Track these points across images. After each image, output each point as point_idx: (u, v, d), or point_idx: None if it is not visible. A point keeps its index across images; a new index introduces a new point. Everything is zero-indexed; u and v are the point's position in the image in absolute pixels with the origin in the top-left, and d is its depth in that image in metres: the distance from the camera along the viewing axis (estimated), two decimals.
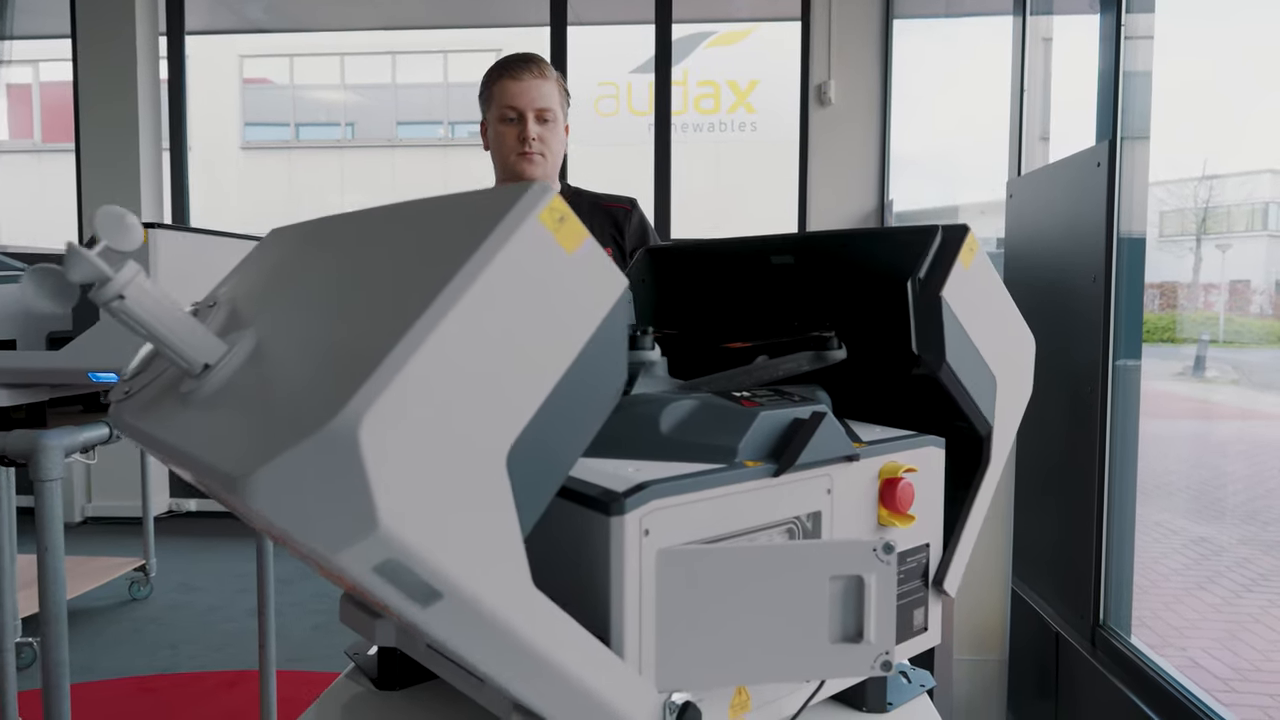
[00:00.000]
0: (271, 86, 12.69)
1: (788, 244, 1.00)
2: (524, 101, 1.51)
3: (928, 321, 0.78)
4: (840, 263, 0.93)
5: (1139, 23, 1.77)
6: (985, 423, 0.84)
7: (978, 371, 0.82)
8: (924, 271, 0.79)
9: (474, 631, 0.52)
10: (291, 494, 0.43)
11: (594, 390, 0.56)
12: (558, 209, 0.54)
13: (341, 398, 0.43)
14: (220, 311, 0.70)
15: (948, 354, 0.78)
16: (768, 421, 0.71)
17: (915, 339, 0.79)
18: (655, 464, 0.67)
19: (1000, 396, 0.85)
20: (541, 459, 0.53)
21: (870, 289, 0.87)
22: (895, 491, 0.78)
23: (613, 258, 1.58)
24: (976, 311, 0.82)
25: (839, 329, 0.88)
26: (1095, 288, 1.77)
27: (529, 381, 0.52)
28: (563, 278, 0.54)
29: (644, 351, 0.73)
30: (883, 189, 4.00)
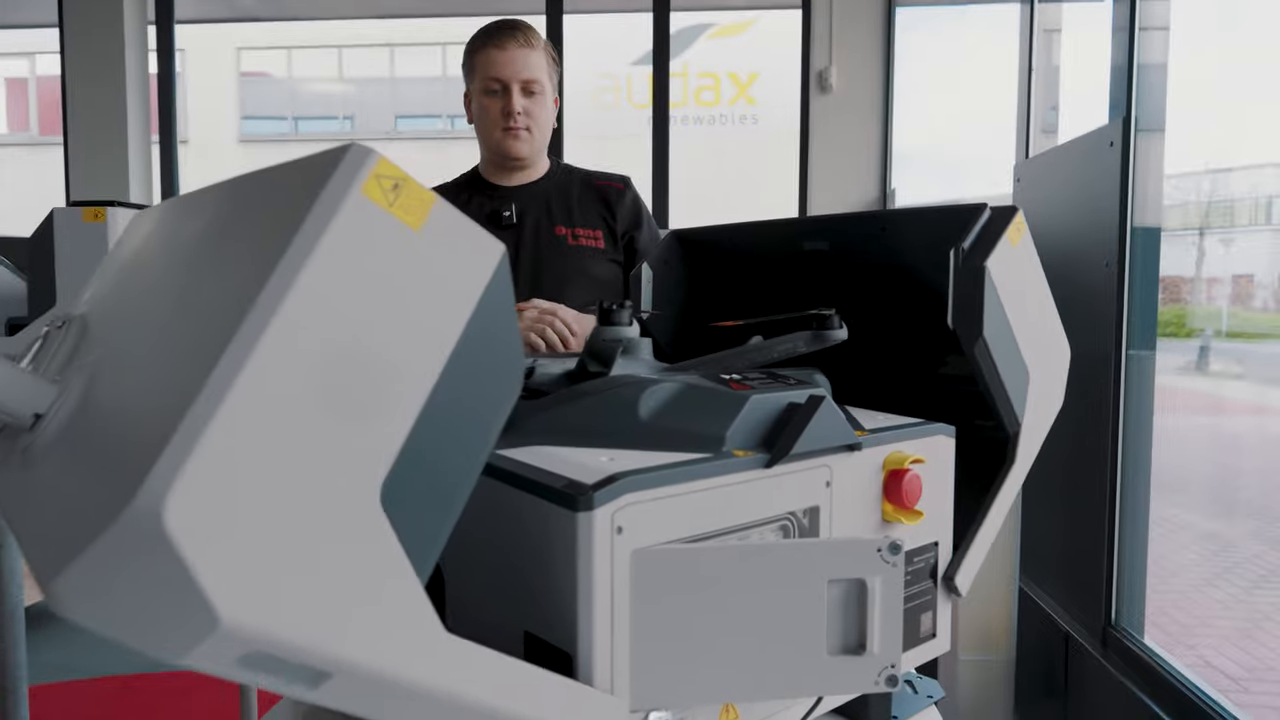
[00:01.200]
0: (269, 79, 12.61)
1: (821, 226, 0.94)
2: (509, 72, 1.42)
3: (968, 292, 0.72)
4: (877, 244, 0.87)
5: (1154, 6, 1.69)
6: (1014, 418, 0.76)
7: (1012, 358, 0.75)
8: (969, 242, 0.74)
9: (385, 698, 0.43)
10: (109, 598, 0.34)
11: (483, 390, 0.46)
12: (387, 175, 0.41)
13: (139, 471, 0.33)
14: (71, 332, 0.58)
15: (985, 328, 0.71)
16: (759, 406, 0.64)
17: (952, 310, 0.73)
18: (632, 453, 0.60)
19: (1031, 395, 0.78)
20: (430, 486, 0.44)
21: (908, 266, 0.82)
22: (901, 484, 0.70)
23: (602, 239, 1.52)
24: (1017, 296, 0.76)
25: (869, 314, 0.83)
26: (1108, 274, 1.69)
27: (392, 400, 0.41)
28: (412, 262, 0.42)
29: (620, 328, 0.66)
30: (885, 178, 3.92)
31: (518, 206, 1.47)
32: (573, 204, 1.50)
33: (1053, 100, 2.61)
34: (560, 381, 0.73)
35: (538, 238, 1.46)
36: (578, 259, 1.45)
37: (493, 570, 0.60)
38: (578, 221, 1.48)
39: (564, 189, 1.52)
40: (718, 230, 1.07)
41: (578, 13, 4.63)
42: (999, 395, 0.74)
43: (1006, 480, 0.78)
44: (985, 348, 0.72)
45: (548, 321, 1.27)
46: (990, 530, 0.79)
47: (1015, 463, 0.77)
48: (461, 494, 0.46)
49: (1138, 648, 1.66)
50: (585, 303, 1.41)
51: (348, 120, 12.75)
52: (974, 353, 0.72)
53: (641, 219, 1.54)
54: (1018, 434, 0.77)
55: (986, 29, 4.83)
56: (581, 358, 0.71)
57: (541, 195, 1.50)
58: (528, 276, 1.44)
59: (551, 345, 1.26)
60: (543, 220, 1.48)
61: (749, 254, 1.04)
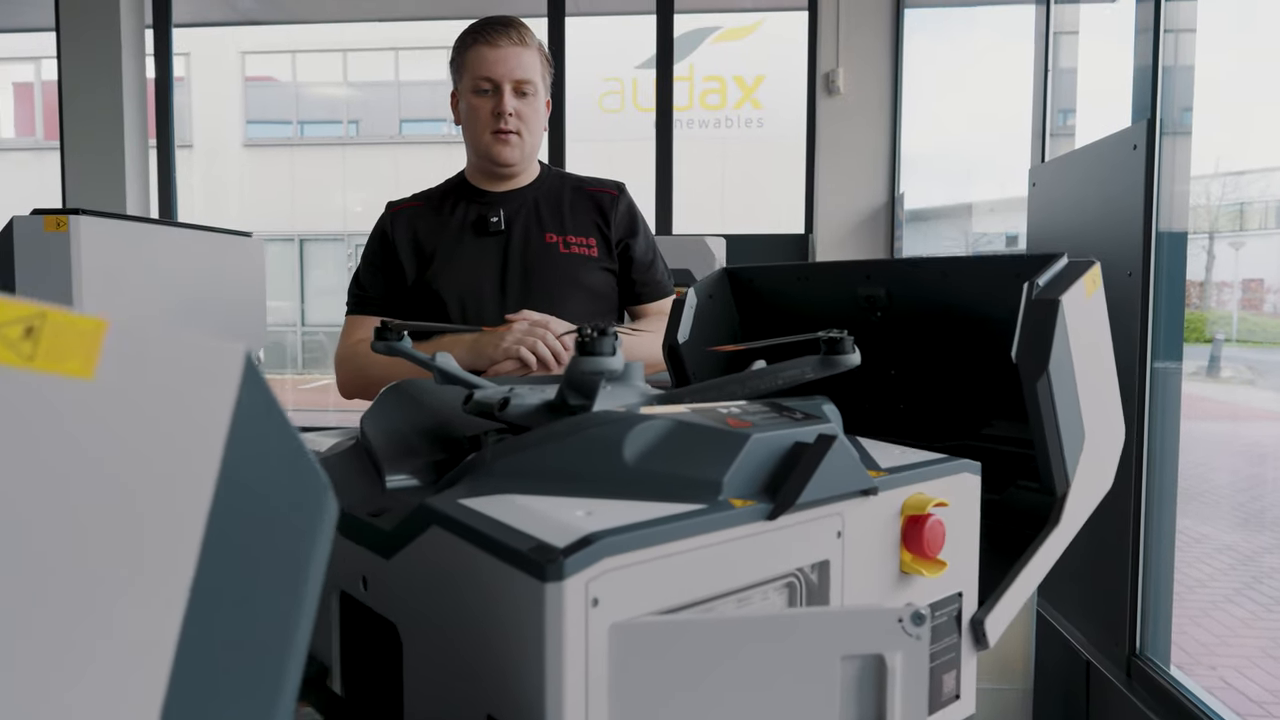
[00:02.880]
0: (274, 84, 12.59)
1: (879, 270, 0.92)
2: (500, 71, 1.34)
3: (1038, 323, 0.69)
4: (937, 290, 0.85)
5: (1179, 6, 1.61)
6: (1064, 476, 0.69)
7: (1070, 409, 0.70)
8: (1044, 278, 0.72)
9: None
10: None
11: (275, 544, 0.33)
12: (10, 319, 0.27)
13: None
14: None
15: (1051, 363, 0.65)
16: (761, 447, 0.56)
17: (1018, 342, 0.68)
18: (614, 505, 0.52)
19: (1084, 460, 0.71)
20: (232, 691, 0.32)
21: (969, 315, 0.80)
22: (922, 532, 0.62)
23: (595, 247, 1.43)
24: (1085, 348, 0.72)
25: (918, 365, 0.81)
26: (1131, 282, 1.61)
27: (143, 612, 0.29)
28: (97, 424, 0.29)
29: (601, 359, 0.58)
30: (893, 182, 3.83)
31: (506, 213, 1.39)
32: (564, 210, 1.42)
33: (1063, 104, 2.53)
34: (539, 414, 0.65)
35: (527, 245, 1.38)
36: (569, 268, 1.37)
37: (453, 641, 0.52)
38: (569, 229, 1.40)
39: (555, 195, 1.44)
40: (770, 270, 1.04)
41: (581, 15, 4.57)
42: (1052, 446, 0.68)
43: (1048, 540, 0.70)
44: (1048, 384, 0.66)
45: (539, 335, 1.19)
46: (1026, 585, 0.71)
47: (1060, 524, 0.69)
48: (289, 676, 0.34)
49: (1164, 679, 1.57)
50: (579, 314, 1.33)
51: (353, 124, 12.73)
52: (1035, 389, 0.66)
53: (637, 226, 1.46)
54: (1065, 495, 0.70)
55: (993, 31, 4.75)
56: (561, 389, 0.63)
57: (531, 201, 1.42)
58: (516, 286, 1.36)
59: (543, 361, 1.18)
60: (532, 227, 1.40)
61: (799, 295, 1.01)
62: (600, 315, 1.41)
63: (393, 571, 0.58)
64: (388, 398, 0.77)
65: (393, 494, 0.66)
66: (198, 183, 11.83)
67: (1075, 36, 2.54)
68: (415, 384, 0.78)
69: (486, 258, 1.37)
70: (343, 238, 11.83)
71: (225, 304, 1.75)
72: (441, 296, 1.36)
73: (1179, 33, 1.63)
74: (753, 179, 9.86)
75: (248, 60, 12.34)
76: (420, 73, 11.85)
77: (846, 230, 3.84)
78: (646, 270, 1.46)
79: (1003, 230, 6.85)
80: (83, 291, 1.24)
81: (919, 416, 0.89)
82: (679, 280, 1.75)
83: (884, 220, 3.84)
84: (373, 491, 0.67)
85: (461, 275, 1.36)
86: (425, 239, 1.40)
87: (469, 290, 1.36)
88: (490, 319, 1.33)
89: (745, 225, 3.63)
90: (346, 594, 0.65)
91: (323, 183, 12.07)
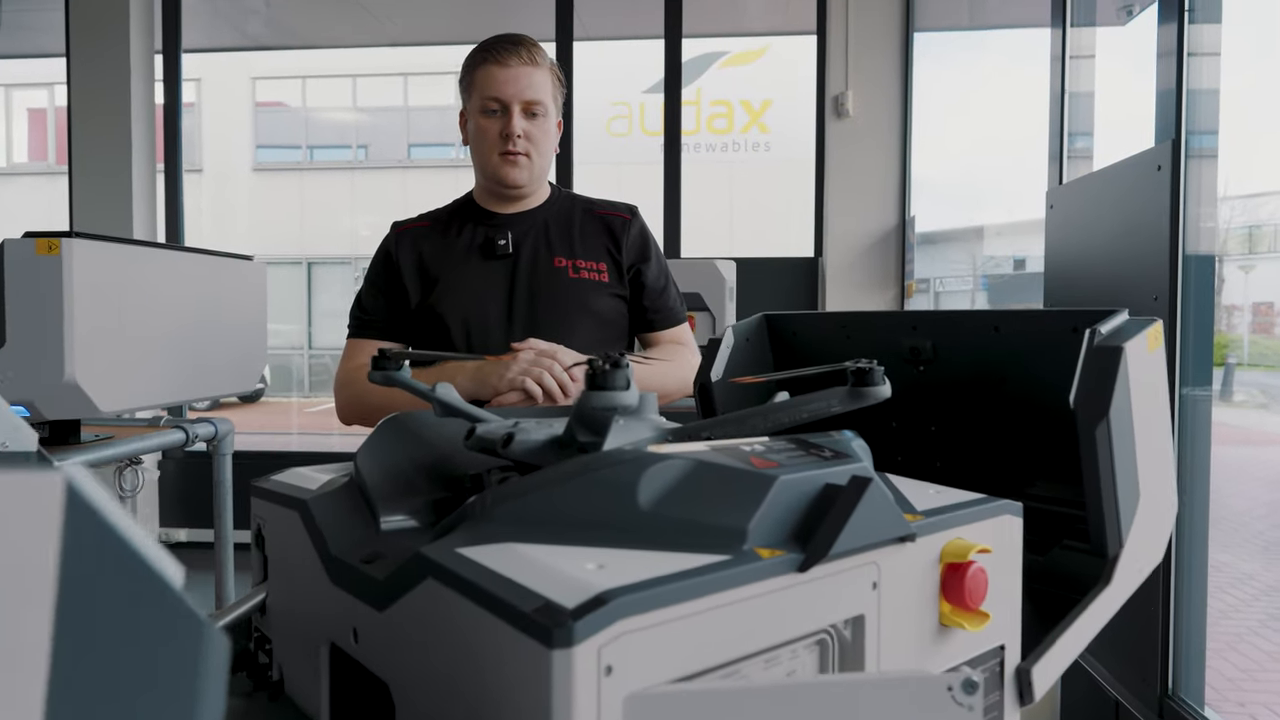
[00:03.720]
0: (285, 110, 12.71)
1: (925, 321, 0.89)
2: (510, 91, 1.29)
3: (1100, 369, 0.66)
4: (987, 343, 0.83)
5: (1204, 27, 1.57)
6: (1117, 535, 0.65)
7: (1127, 463, 0.67)
8: (1106, 327, 0.70)
9: None
10: None
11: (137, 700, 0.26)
12: None
13: None
14: None
15: (1112, 409, 0.62)
16: (789, 490, 0.51)
17: (1077, 387, 0.66)
18: (628, 555, 0.47)
19: (1138, 523, 0.67)
20: None
21: (1020, 370, 0.79)
22: (964, 581, 0.57)
23: (606, 272, 1.39)
24: (1145, 404, 0.69)
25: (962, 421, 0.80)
26: (1158, 307, 1.56)
27: None
28: None
29: (615, 394, 0.53)
30: (904, 205, 3.80)
31: (514, 235, 1.35)
32: (574, 234, 1.38)
33: (1073, 127, 2.50)
34: (546, 451, 0.60)
35: (535, 269, 1.34)
36: (578, 293, 1.33)
37: (449, 707, 0.47)
38: (579, 253, 1.36)
39: (565, 217, 1.40)
40: (810, 318, 1.03)
41: (590, 39, 4.58)
42: (1106, 500, 0.63)
43: (1099, 599, 0.65)
44: (1107, 431, 0.62)
45: (545, 366, 1.14)
46: (1075, 642, 0.65)
47: (1111, 584, 0.65)
48: None
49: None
50: (587, 341, 1.29)
51: (362, 149, 12.82)
52: (1094, 434, 0.62)
53: (649, 251, 1.41)
54: (1118, 557, 0.65)
55: (1002, 55, 4.74)
56: (570, 425, 0.58)
57: (540, 224, 1.38)
58: (524, 311, 1.31)
59: (550, 393, 1.14)
60: (541, 250, 1.35)
61: (839, 344, 0.99)
62: (610, 343, 1.36)
63: (385, 625, 0.53)
64: (385, 430, 0.72)
65: (387, 537, 0.61)
66: (207, 206, 11.91)
67: (1088, 60, 2.51)
68: (414, 416, 0.73)
69: (493, 281, 1.33)
70: (350, 261, 11.86)
71: (224, 328, 1.72)
72: (445, 321, 1.31)
73: (1203, 56, 1.59)
74: (760, 202, 9.87)
75: (259, 86, 12.46)
76: (429, 98, 11.94)
77: (857, 253, 3.81)
78: (659, 297, 1.42)
79: (1010, 253, 6.80)
80: (74, 316, 1.20)
81: (957, 473, 0.86)
82: (690, 304, 1.71)
83: (895, 243, 3.81)
84: (367, 533, 0.62)
85: (466, 299, 1.32)
86: (430, 261, 1.36)
87: (474, 315, 1.32)
88: (495, 344, 1.28)
89: (753, 249, 3.59)
90: (337, 646, 0.60)
91: (331, 206, 12.14)
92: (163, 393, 1.52)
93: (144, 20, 4.20)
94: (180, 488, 4.30)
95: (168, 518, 4.38)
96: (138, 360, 1.42)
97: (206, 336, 1.65)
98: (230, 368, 1.74)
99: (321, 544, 0.62)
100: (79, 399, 1.25)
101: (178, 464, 4.21)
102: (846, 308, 3.79)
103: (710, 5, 4.70)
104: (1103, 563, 0.67)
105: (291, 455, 5.03)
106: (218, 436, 1.84)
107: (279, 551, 0.69)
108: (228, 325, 1.72)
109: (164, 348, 1.50)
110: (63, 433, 1.60)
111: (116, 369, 1.35)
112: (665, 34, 3.96)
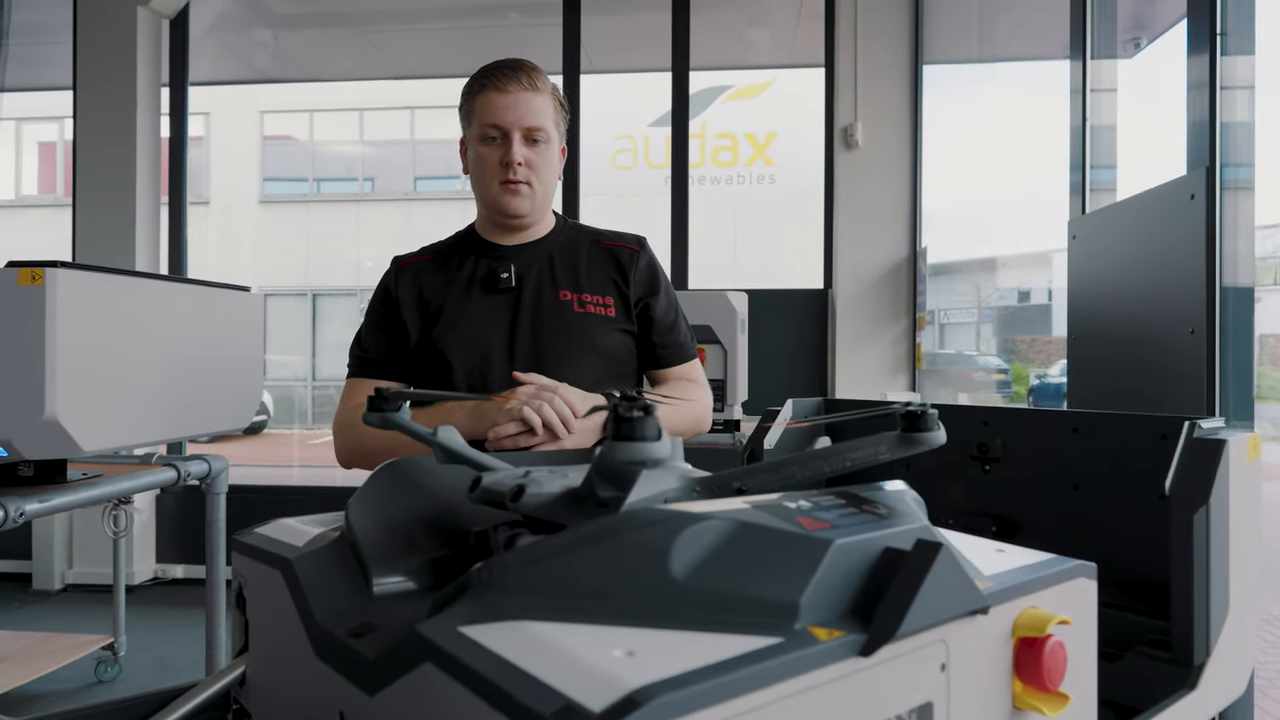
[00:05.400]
0: (293, 143, 12.82)
1: (996, 419, 0.87)
2: (509, 118, 1.23)
3: (1200, 459, 0.64)
4: (1064, 444, 0.82)
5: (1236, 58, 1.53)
6: (1205, 641, 0.59)
7: (1220, 564, 0.62)
8: (1206, 423, 0.69)
9: None
10: None
11: None
12: None
13: None
14: None
15: (1211, 497, 0.57)
16: (846, 556, 0.44)
17: (1174, 474, 0.64)
18: (660, 637, 0.40)
19: (1224, 636, 0.62)
20: None
21: (1099, 470, 0.78)
22: (1041, 659, 0.50)
23: (613, 306, 1.32)
24: (1238, 510, 0.67)
25: (1031, 522, 0.79)
26: (1194, 341, 1.49)
27: None
28: None
29: (645, 445, 0.46)
30: (915, 237, 3.75)
31: (517, 268, 1.29)
32: (579, 266, 1.32)
33: (1093, 159, 2.46)
34: (560, 507, 0.53)
35: (539, 303, 1.28)
36: (583, 328, 1.26)
37: None
38: (585, 286, 1.30)
39: (570, 249, 1.34)
40: (871, 405, 1.03)
41: (595, 73, 4.57)
42: (1198, 598, 0.57)
43: (1179, 703, 0.58)
44: (1205, 520, 0.57)
45: (545, 398, 1.07)
46: None
47: (1196, 689, 0.58)
48: None
49: None
50: (592, 378, 1.22)
51: (368, 181, 12.91)
52: (1191, 521, 0.58)
53: (658, 284, 1.35)
54: (1204, 666, 0.59)
55: (1012, 87, 4.73)
56: (589, 477, 0.51)
57: (545, 256, 1.32)
58: (526, 347, 1.25)
59: (550, 426, 1.07)
60: (545, 283, 1.29)
61: None
62: (617, 380, 1.29)
63: (376, 712, 0.46)
64: (380, 479, 0.65)
65: (381, 603, 0.54)
66: (214, 239, 11.95)
67: (1105, 93, 2.47)
68: (413, 463, 0.66)
69: (495, 316, 1.27)
70: (355, 293, 11.88)
71: (219, 362, 1.65)
72: (447, 357, 1.25)
73: (1237, 89, 1.54)
74: (766, 235, 9.86)
75: (267, 119, 12.58)
76: (435, 131, 12.03)
77: (867, 285, 3.75)
78: (668, 332, 1.35)
79: (1014, 285, 6.75)
80: (57, 350, 1.14)
81: None
82: (701, 337, 1.63)
83: (905, 275, 3.75)
84: (357, 599, 0.55)
85: (468, 334, 1.25)
86: (431, 295, 1.30)
87: (475, 350, 1.25)
88: (497, 381, 1.22)
89: (758, 281, 3.55)
90: None
91: (337, 238, 12.18)
92: (151, 431, 1.45)
93: (151, 53, 4.21)
94: (179, 522, 4.23)
95: (165, 554, 4.29)
96: (124, 396, 1.35)
97: (199, 371, 1.58)
98: (224, 404, 1.67)
99: (306, 610, 0.55)
100: (60, 437, 1.18)
101: (176, 498, 4.14)
102: (858, 340, 3.73)
103: (717, 39, 4.71)
104: (1182, 672, 0.61)
105: (291, 490, 4.94)
106: (211, 474, 1.77)
107: (261, 616, 0.62)
108: (222, 359, 1.66)
109: (153, 383, 1.44)
110: (49, 471, 1.53)
111: (101, 406, 1.28)
112: (672, 67, 3.95)
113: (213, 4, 4.68)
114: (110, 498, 1.48)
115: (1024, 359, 6.99)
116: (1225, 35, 1.49)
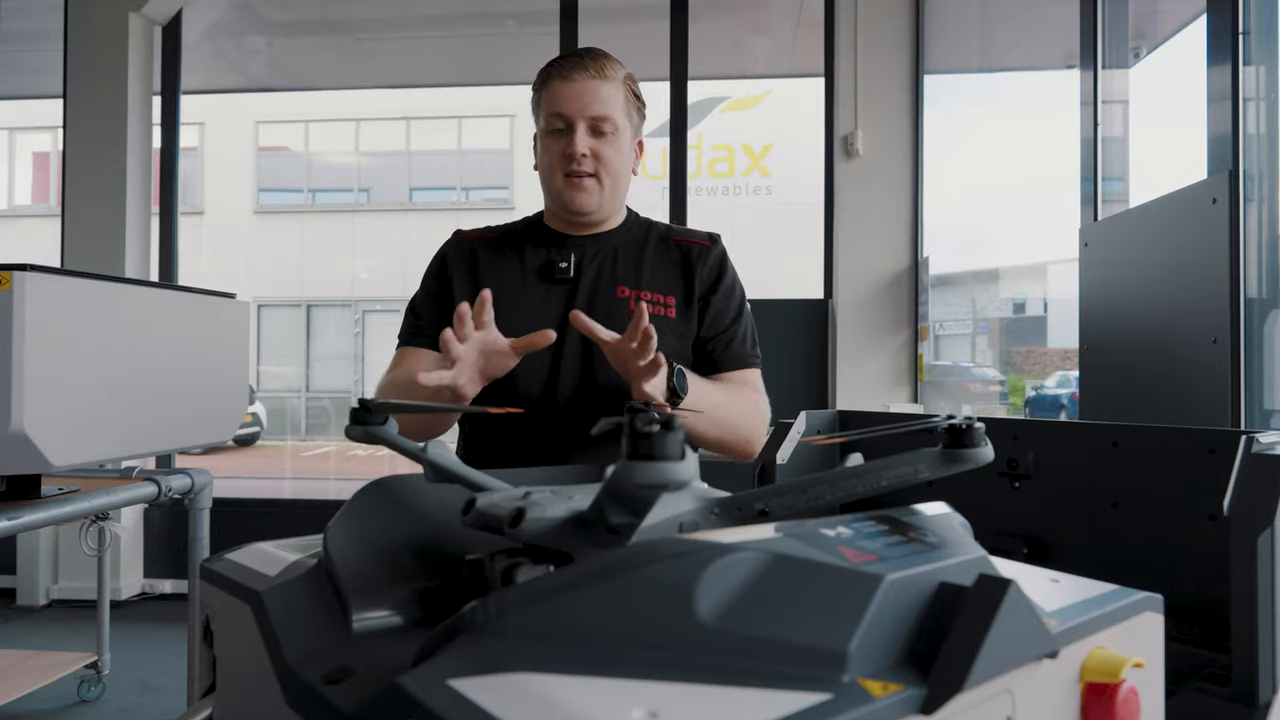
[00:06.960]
0: (288, 154, 12.78)
1: (1027, 432, 0.82)
2: (574, 107, 1.16)
3: (1260, 479, 0.58)
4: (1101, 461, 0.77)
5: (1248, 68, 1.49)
6: (1271, 679, 0.54)
7: None
8: (1265, 438, 0.64)
9: None
10: None
11: None
12: None
13: None
14: None
15: (1277, 518, 0.51)
16: (898, 594, 0.38)
17: (1232, 494, 0.58)
18: (685, 693, 0.34)
19: None
20: None
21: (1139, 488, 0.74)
22: (1114, 708, 0.44)
23: (674, 307, 1.09)
24: None
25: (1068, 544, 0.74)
26: (1216, 349, 1.44)
27: None
28: None
29: (668, 466, 0.39)
30: (916, 246, 3.71)
31: (578, 258, 1.22)
32: (644, 261, 1.24)
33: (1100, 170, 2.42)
34: (565, 532, 0.47)
35: (595, 297, 1.20)
36: None
37: None
38: (646, 284, 1.22)
39: (638, 244, 1.26)
40: (888, 417, 1.00)
41: None
42: (1263, 631, 0.51)
43: None
44: (1270, 544, 0.51)
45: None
46: None
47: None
48: None
49: None
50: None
51: (363, 192, 12.87)
52: (1255, 546, 0.52)
53: (724, 281, 1.26)
54: (1270, 705, 0.53)
55: (1014, 98, 4.71)
56: (598, 499, 0.45)
57: (609, 249, 1.25)
58: (577, 342, 1.16)
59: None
60: (604, 276, 1.22)
61: None
62: None
63: None
64: (363, 499, 0.59)
65: (361, 642, 0.48)
66: (207, 249, 11.89)
67: (1118, 104, 2.44)
68: (399, 482, 0.60)
69: (548, 306, 1.20)
70: (350, 303, 11.81)
71: (201, 372, 1.58)
72: None
73: (1259, 100, 1.49)
74: (762, 245, 9.83)
75: (262, 130, 12.54)
76: (431, 142, 12.01)
77: (868, 295, 3.71)
78: (726, 330, 1.26)
79: (1011, 296, 6.72)
80: (25, 359, 1.07)
81: None
82: None
83: (907, 285, 3.71)
84: (335, 637, 0.49)
85: (515, 323, 1.15)
86: (485, 275, 1.22)
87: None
88: (536, 377, 1.16)
89: (756, 290, 3.51)
90: None
91: (332, 249, 12.12)
92: (128, 444, 1.38)
93: (143, 60, 4.16)
94: (167, 537, 4.14)
95: (152, 568, 4.21)
96: (99, 408, 1.28)
97: (180, 381, 1.51)
98: (206, 416, 1.60)
99: (276, 650, 0.48)
100: (28, 452, 1.11)
101: (163, 512, 4.05)
102: (859, 351, 3.68)
103: (715, 48, 4.68)
104: (1246, 710, 0.56)
105: (281, 503, 4.86)
106: (194, 489, 1.70)
107: (229, 652, 0.56)
108: (204, 369, 1.59)
109: (131, 394, 1.37)
110: (22, 486, 1.46)
111: (73, 418, 1.21)
112: (671, 76, 3.91)
113: (206, 11, 4.64)
114: (86, 514, 1.41)
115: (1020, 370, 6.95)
116: (1247, 34, 1.45)
